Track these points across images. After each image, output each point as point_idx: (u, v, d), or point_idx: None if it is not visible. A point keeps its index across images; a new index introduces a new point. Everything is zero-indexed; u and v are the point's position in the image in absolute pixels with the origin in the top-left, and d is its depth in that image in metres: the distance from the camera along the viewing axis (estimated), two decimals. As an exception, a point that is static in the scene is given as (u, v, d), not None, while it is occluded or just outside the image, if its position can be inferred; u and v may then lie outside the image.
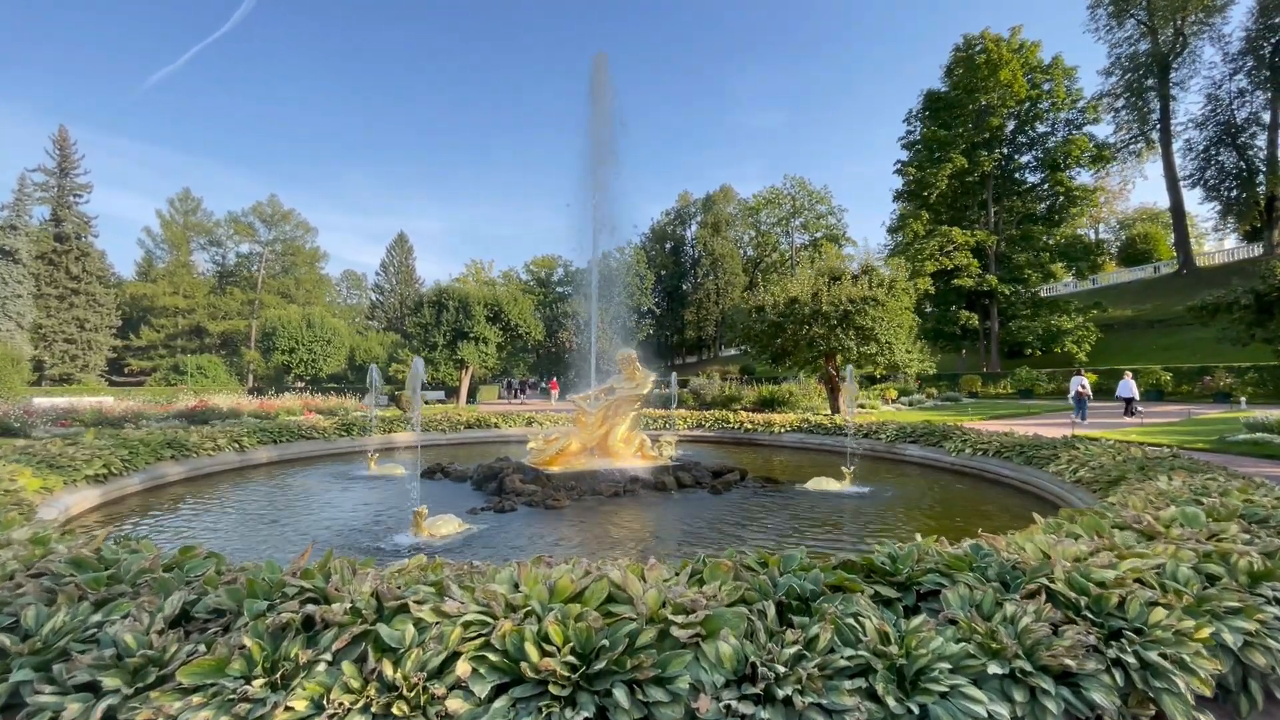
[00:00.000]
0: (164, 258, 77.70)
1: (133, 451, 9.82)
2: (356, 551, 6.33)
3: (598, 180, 13.61)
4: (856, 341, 20.32)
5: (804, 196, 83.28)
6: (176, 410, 21.79)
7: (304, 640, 2.49)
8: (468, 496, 9.71)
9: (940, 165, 44.28)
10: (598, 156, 13.78)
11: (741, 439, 17.35)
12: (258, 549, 6.41)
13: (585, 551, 6.40)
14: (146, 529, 7.27)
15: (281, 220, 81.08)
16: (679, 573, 3.19)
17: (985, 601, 2.93)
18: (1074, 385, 22.29)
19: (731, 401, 28.60)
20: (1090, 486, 7.98)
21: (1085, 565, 3.24)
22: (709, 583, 3.04)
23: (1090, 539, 3.77)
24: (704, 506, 8.83)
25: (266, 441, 13.14)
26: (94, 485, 8.61)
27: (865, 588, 3.07)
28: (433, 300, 33.62)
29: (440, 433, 17.18)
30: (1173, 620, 2.78)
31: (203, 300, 75.51)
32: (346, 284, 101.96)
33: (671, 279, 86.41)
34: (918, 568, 3.33)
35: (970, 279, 42.89)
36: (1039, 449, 10.35)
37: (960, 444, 12.27)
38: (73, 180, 61.13)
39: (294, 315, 43.23)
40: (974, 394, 38.00)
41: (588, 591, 2.76)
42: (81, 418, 19.14)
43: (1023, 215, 46.31)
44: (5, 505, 6.02)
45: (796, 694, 2.23)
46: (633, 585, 2.76)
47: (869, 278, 21.53)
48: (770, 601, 2.74)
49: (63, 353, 58.74)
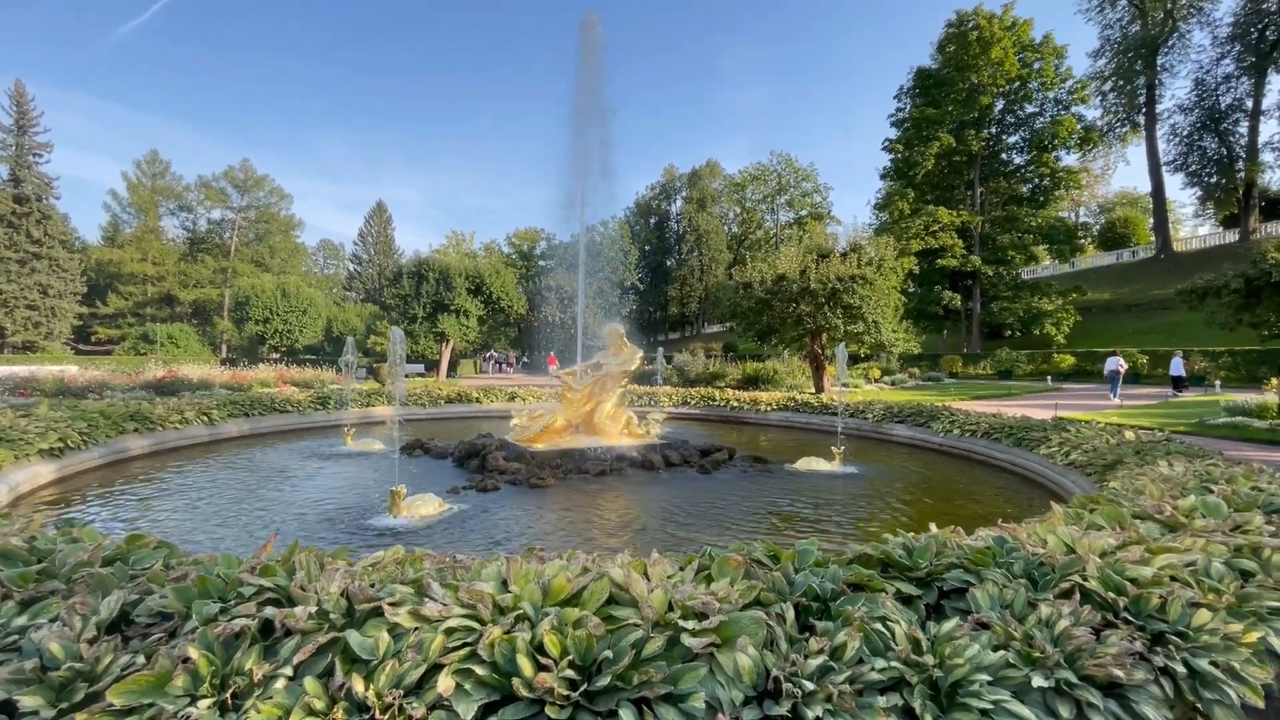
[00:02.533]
0: (131, 223, 74.85)
1: (92, 424, 9.30)
2: (332, 534, 6.00)
3: (587, 144, 13.06)
4: (844, 320, 20.16)
5: (790, 174, 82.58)
6: (144, 381, 21.03)
7: (261, 650, 2.17)
8: (449, 474, 9.37)
9: (928, 144, 43.97)
10: (587, 118, 13.21)
11: (728, 417, 17.19)
12: (221, 534, 6.04)
13: (575, 535, 6.14)
14: (99, 510, 6.84)
15: (255, 186, 78.43)
16: (684, 568, 2.91)
17: (1017, 602, 2.70)
18: (1111, 364, 22.78)
19: (716, 379, 28.45)
20: (1084, 470, 7.89)
21: (1117, 561, 3.02)
22: (718, 580, 2.77)
23: (1114, 531, 3.57)
24: (694, 487, 8.61)
25: (238, 415, 12.63)
26: (48, 460, 8.12)
27: (888, 586, 2.82)
28: (412, 271, 32.73)
29: (420, 407, 16.74)
30: (1218, 623, 2.57)
31: (173, 267, 73.13)
32: (323, 254, 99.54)
33: (656, 254, 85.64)
34: (938, 562, 3.09)
35: (955, 259, 42.98)
36: (1029, 430, 10.28)
37: (948, 425, 12.19)
38: (31, 139, 58.22)
39: (268, 284, 41.95)
40: (954, 374, 38.36)
41: (586, 592, 2.47)
42: (42, 387, 18.34)
43: (1008, 196, 46.35)
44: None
45: (828, 714, 1.97)
46: (636, 585, 2.47)
47: (857, 256, 21.30)
48: (788, 603, 2.48)
49: (25, 319, 56.59)
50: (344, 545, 5.53)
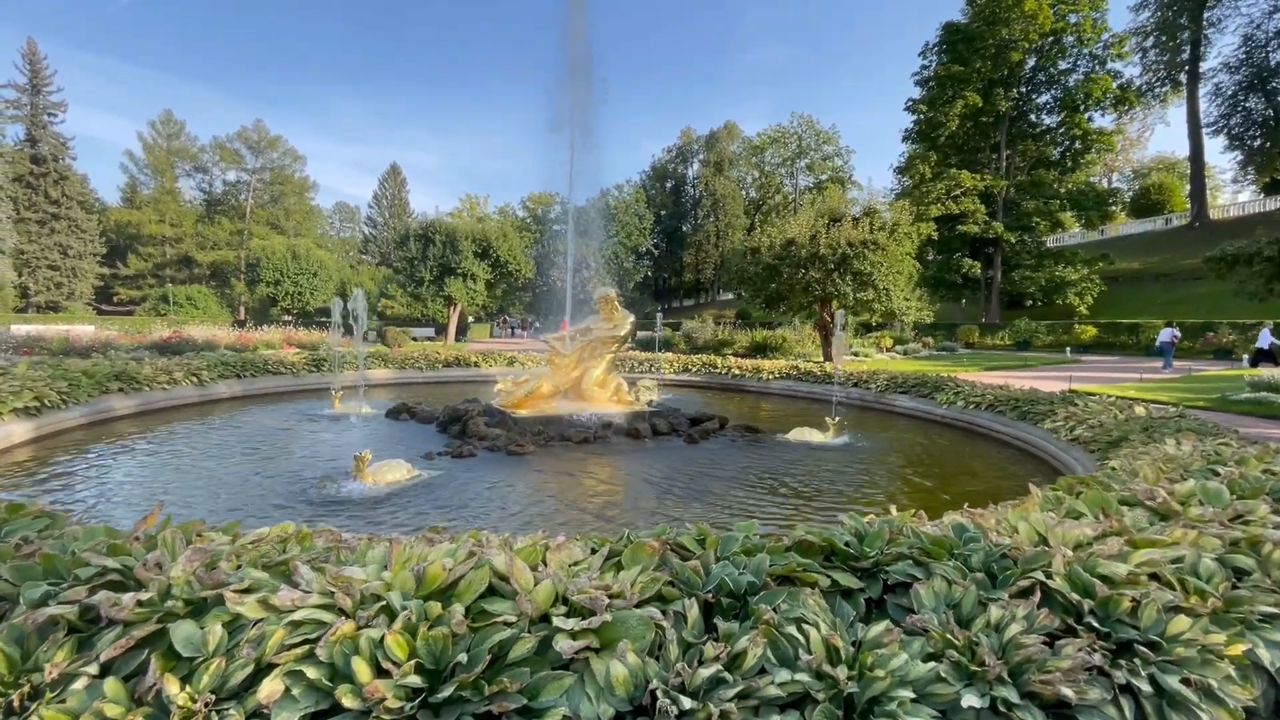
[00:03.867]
0: (148, 184, 75.00)
1: (74, 384, 9.21)
2: (289, 502, 5.82)
3: (576, 100, 12.43)
4: (853, 287, 19.53)
5: (811, 136, 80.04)
6: (150, 341, 21.17)
7: (75, 643, 1.91)
8: (430, 439, 9.18)
9: (953, 104, 41.96)
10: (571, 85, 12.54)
11: (729, 385, 16.84)
12: (177, 499, 5.88)
13: (539, 507, 5.90)
14: (60, 470, 6.73)
15: (269, 147, 77.98)
16: (596, 550, 2.62)
17: (966, 601, 2.36)
18: (1165, 335, 22.46)
19: (723, 346, 28.01)
20: (1088, 446, 7.46)
21: (1090, 555, 2.67)
22: (629, 569, 2.47)
23: (1096, 519, 3.21)
24: (677, 456, 8.33)
25: (229, 376, 12.55)
26: (24, 419, 8.04)
27: (822, 578, 2.50)
28: (419, 234, 32.35)
29: (417, 370, 16.60)
30: (1197, 632, 2.22)
31: (190, 229, 73.48)
32: (339, 216, 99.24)
33: (671, 219, 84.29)
34: (888, 551, 2.76)
35: (976, 226, 41.47)
36: (1034, 404, 9.81)
37: (952, 396, 11.74)
38: (45, 98, 58.17)
39: (279, 246, 41.90)
40: (971, 344, 37.43)
41: (463, 582, 2.17)
42: (48, 346, 18.52)
43: (1035, 160, 44.33)
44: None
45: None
46: (520, 575, 2.17)
47: (870, 220, 20.50)
48: (693, 600, 2.17)
49: (47, 280, 57.47)
50: (297, 514, 5.36)
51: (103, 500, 5.71)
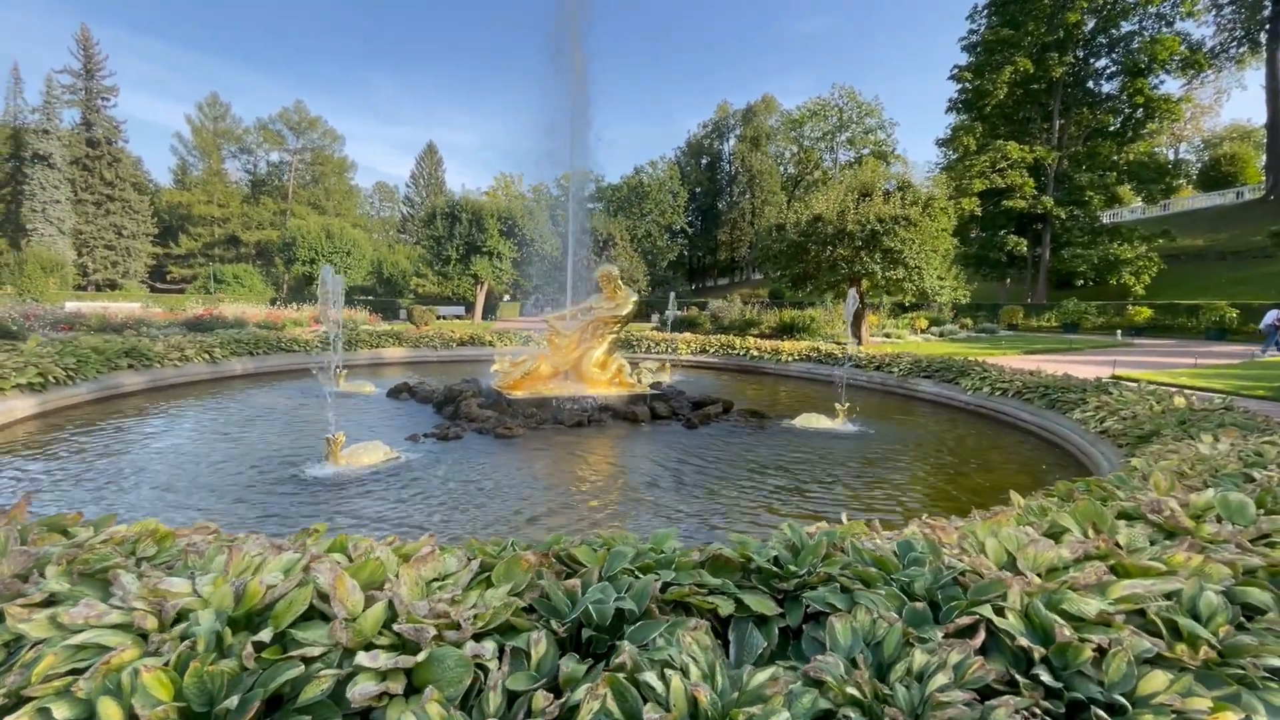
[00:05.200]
0: (197, 165, 77.45)
1: (82, 360, 9.37)
2: (258, 484, 5.70)
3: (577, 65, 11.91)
4: (882, 265, 18.63)
5: (852, 109, 77.06)
6: (184, 319, 21.76)
7: None
8: (426, 419, 9.05)
9: (1001, 70, 39.44)
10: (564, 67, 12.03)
11: (747, 366, 16.32)
12: (148, 479, 5.83)
13: (502, 493, 5.64)
14: (42, 445, 6.78)
15: (309, 128, 79.43)
16: (472, 560, 2.29)
17: (890, 641, 1.96)
18: (1270, 317, 21.60)
19: (750, 326, 27.32)
20: (1117, 440, 6.80)
21: (1061, 584, 2.22)
22: (499, 586, 2.14)
23: (1084, 536, 2.73)
24: (671, 442, 7.96)
25: (242, 353, 12.70)
26: (28, 394, 8.19)
27: (725, 602, 2.13)
28: (446, 212, 32.36)
29: (431, 349, 16.59)
30: (1174, 695, 1.77)
31: (237, 209, 75.65)
32: (379, 196, 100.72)
33: (706, 196, 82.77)
34: (819, 570, 2.36)
35: (1023, 200, 39.19)
36: (1065, 391, 9.07)
37: (978, 381, 11.03)
38: (99, 83, 60.27)
39: (313, 226, 42.65)
40: (1014, 326, 35.70)
41: (282, 602, 1.88)
42: (87, 322, 19.18)
43: (1091, 130, 41.48)
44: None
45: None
46: (345, 597, 1.86)
47: (903, 195, 19.46)
48: (543, 632, 1.82)
49: (104, 259, 60.11)
50: (251, 498, 5.21)
51: (66, 480, 5.69)
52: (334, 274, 6.68)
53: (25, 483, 5.52)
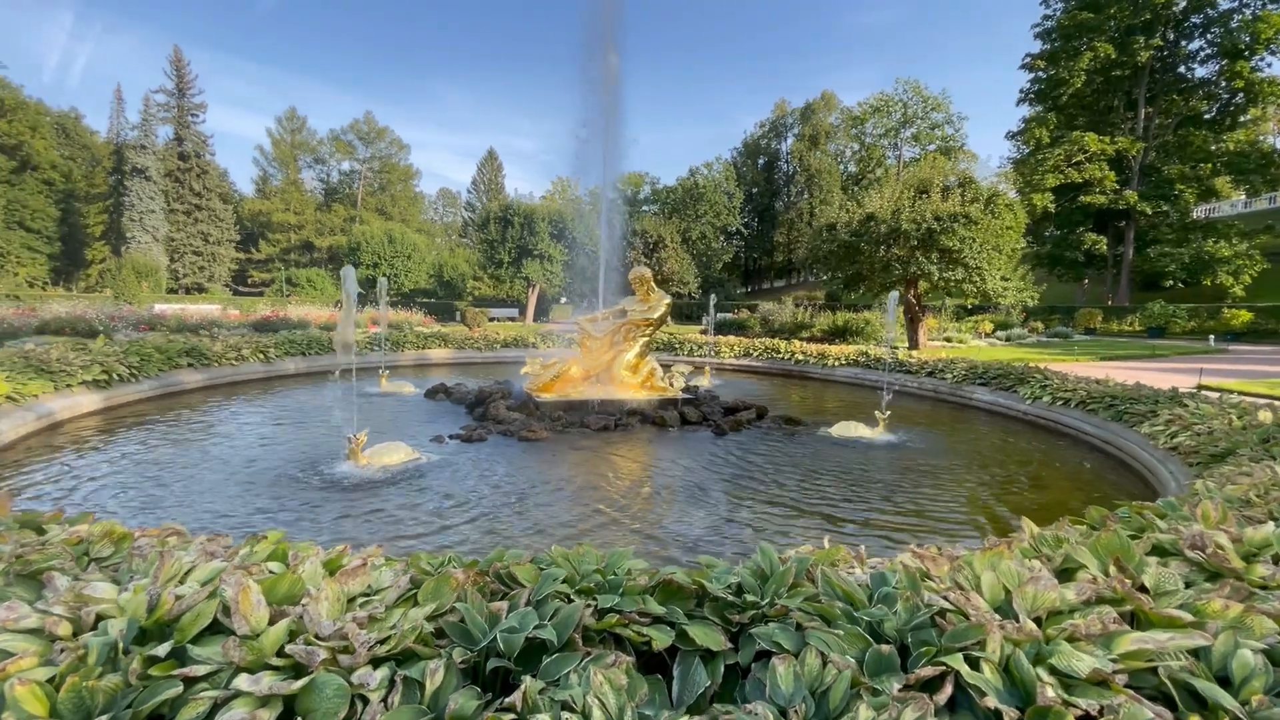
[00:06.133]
0: (276, 175, 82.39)
1: (144, 358, 9.97)
2: (278, 482, 5.86)
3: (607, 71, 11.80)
4: (939, 266, 17.70)
5: (917, 103, 74.23)
6: (252, 320, 23.00)
7: None
8: (458, 419, 9.16)
9: (1079, 56, 36.88)
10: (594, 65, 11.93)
11: (791, 371, 15.84)
12: (177, 474, 6.10)
13: (514, 499, 5.58)
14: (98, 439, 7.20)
15: (377, 137, 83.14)
16: (401, 577, 2.18)
17: (837, 690, 1.72)
18: None
19: (801, 330, 26.63)
20: (1187, 458, 6.13)
21: (1058, 633, 1.92)
22: (424, 604, 2.03)
23: (1104, 574, 2.38)
24: (697, 449, 7.74)
25: (295, 353, 13.26)
26: (94, 390, 8.76)
27: (659, 636, 1.94)
28: (498, 216, 33.08)
29: (475, 350, 16.90)
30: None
31: (311, 217, 79.95)
32: (442, 202, 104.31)
33: (763, 197, 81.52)
34: (778, 603, 2.14)
35: (1103, 196, 36.53)
36: (1134, 402, 8.30)
37: (1038, 389, 10.27)
38: (189, 100, 64.98)
39: (376, 231, 44.51)
40: (1091, 330, 33.33)
41: (189, 614, 1.82)
42: (166, 324, 20.56)
43: (1183, 117, 38.27)
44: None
45: None
46: (249, 612, 1.78)
47: (963, 192, 18.44)
48: (442, 662, 1.68)
49: (192, 264, 64.69)
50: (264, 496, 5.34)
51: (120, 470, 6.01)
52: (354, 274, 6.80)
53: (69, 473, 5.87)
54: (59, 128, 63.34)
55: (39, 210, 57.41)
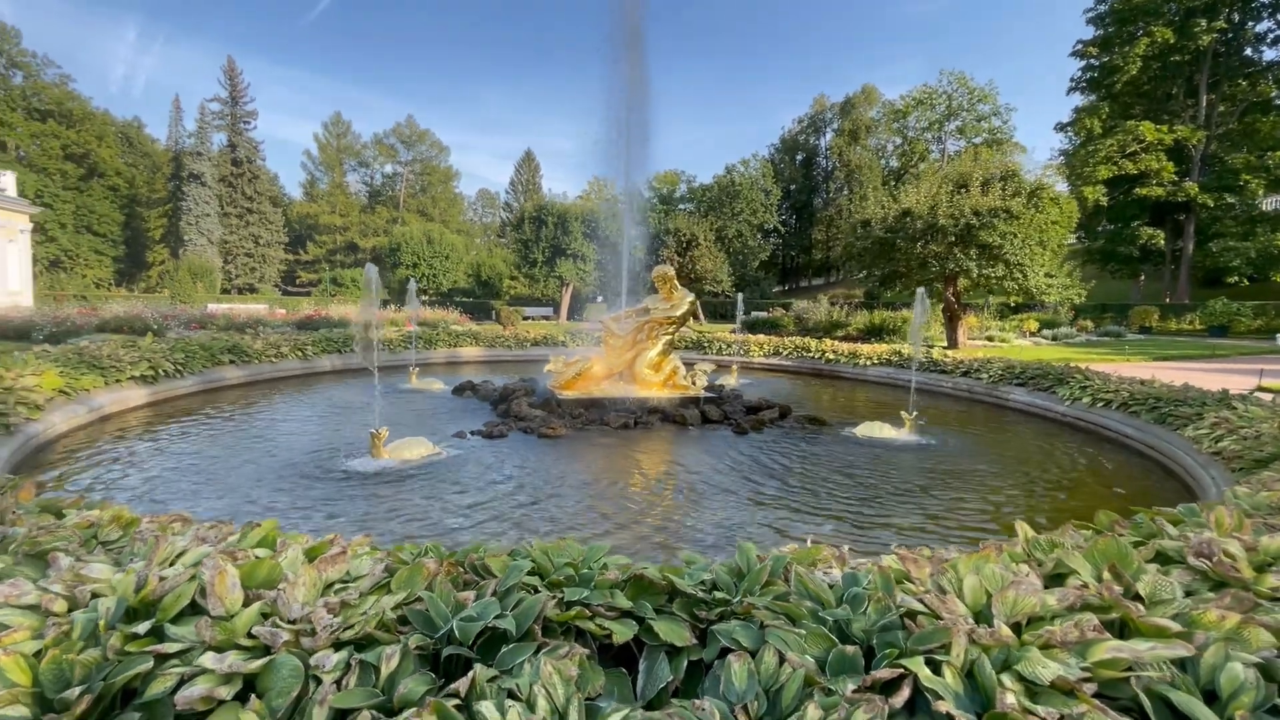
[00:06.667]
0: (323, 180, 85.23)
1: (189, 355, 10.46)
2: (304, 475, 6.08)
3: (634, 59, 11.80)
4: (978, 262, 17.15)
5: (963, 95, 71.81)
6: (296, 319, 23.83)
7: None
8: (482, 415, 9.33)
9: (1134, 42, 35.13)
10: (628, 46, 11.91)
11: (822, 370, 15.59)
12: (206, 462, 6.39)
13: (521, 498, 5.66)
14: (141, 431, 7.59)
15: (418, 140, 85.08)
16: (377, 566, 2.24)
17: (790, 689, 1.71)
18: None
19: (836, 328, 26.16)
20: (1231, 463, 5.81)
21: (1034, 638, 1.86)
22: (395, 592, 2.08)
23: (1094, 579, 2.28)
24: (715, 448, 7.69)
25: (331, 351, 13.71)
26: (142, 385, 9.23)
27: (620, 629, 1.95)
28: (532, 216, 33.51)
29: (506, 349, 17.16)
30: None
31: (355, 219, 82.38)
32: (481, 203, 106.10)
33: (801, 194, 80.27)
34: (746, 600, 2.12)
35: (1161, 187, 34.73)
36: (1179, 404, 7.89)
37: (1077, 390, 9.87)
38: (242, 108, 67.72)
39: (416, 232, 45.61)
40: (1147, 329, 31.77)
41: (170, 595, 1.91)
42: (216, 322, 21.48)
43: (1249, 103, 36.07)
44: (7, 403, 6.37)
45: None
46: (224, 594, 1.86)
47: (1004, 185, 17.80)
48: (398, 648, 1.73)
49: (244, 265, 67.44)
50: (289, 487, 5.56)
51: (153, 459, 6.33)
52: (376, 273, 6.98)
53: (115, 461, 6.21)
54: (122, 136, 66.79)
55: (105, 215, 60.75)
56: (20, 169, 48.35)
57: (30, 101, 58.89)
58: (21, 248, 29.69)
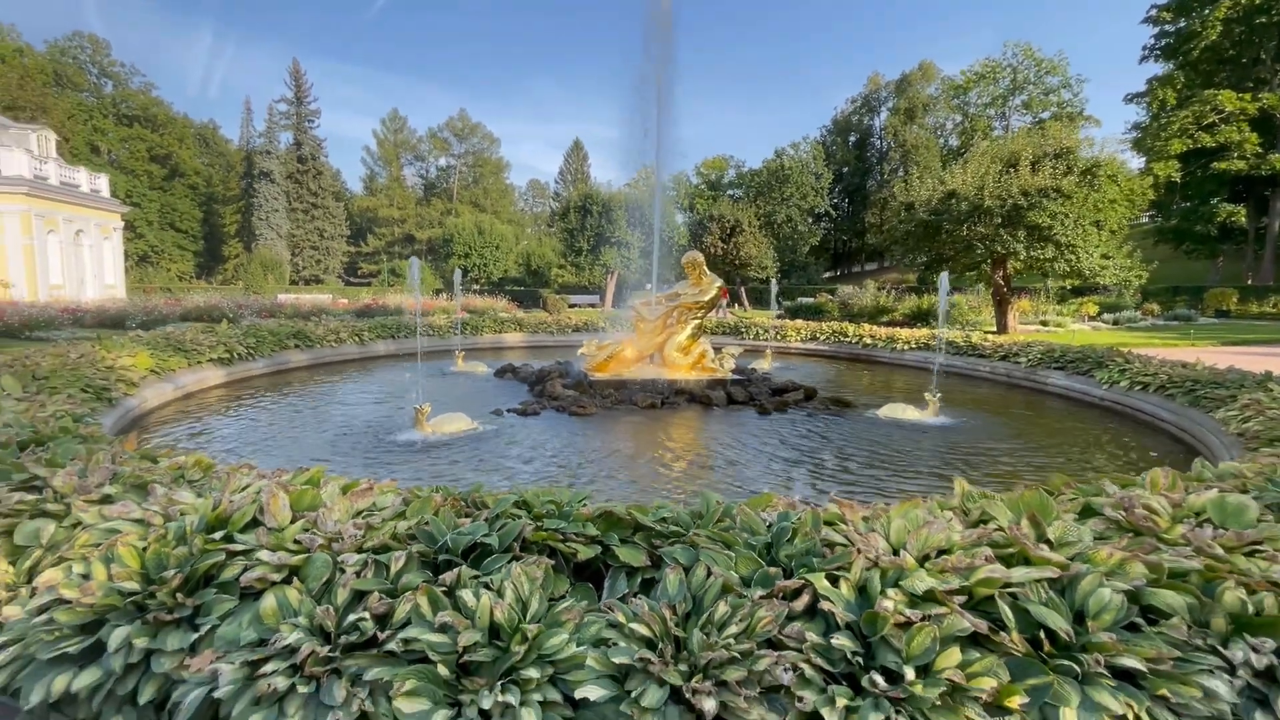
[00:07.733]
0: (382, 174, 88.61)
1: (259, 340, 11.47)
2: (354, 445, 6.77)
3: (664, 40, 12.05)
4: (1026, 244, 16.66)
5: (1029, 67, 68.08)
6: (355, 307, 25.22)
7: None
8: (519, 395, 9.92)
9: (1215, 4, 32.67)
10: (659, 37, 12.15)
11: (859, 355, 15.57)
12: (282, 431, 7.18)
13: (549, 465, 6.18)
14: (219, 405, 8.52)
15: (470, 133, 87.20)
16: (395, 499, 2.75)
17: (710, 593, 2.11)
18: None
19: (881, 314, 25.81)
20: (1250, 443, 5.76)
21: (932, 566, 2.19)
22: (410, 519, 2.58)
23: (1007, 524, 2.56)
24: (736, 427, 8.03)
25: (385, 336, 14.65)
26: (219, 367, 10.25)
27: (585, 548, 2.39)
28: (578, 205, 34.17)
29: (548, 334, 17.84)
30: (957, 671, 1.75)
31: (412, 211, 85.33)
32: (532, 192, 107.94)
33: (853, 176, 78.10)
34: (690, 533, 2.52)
35: (1243, 161, 32.34)
36: (1215, 386, 7.72)
37: (1116, 374, 9.68)
38: (306, 108, 71.02)
39: (467, 224, 47.09)
40: (1225, 312, 29.82)
41: (238, 513, 2.46)
42: (284, 311, 23.02)
43: (1349, 66, 33.10)
44: (109, 380, 7.33)
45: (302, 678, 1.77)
46: (277, 512, 2.40)
47: (1055, 163, 17.16)
48: (404, 553, 2.21)
49: (309, 258, 71.05)
50: (344, 454, 6.25)
51: (235, 425, 7.18)
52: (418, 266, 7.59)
53: (198, 429, 7.07)
54: (200, 138, 71.29)
55: (186, 213, 65.15)
56: (112, 171, 52.46)
57: (119, 108, 63.62)
58: (116, 244, 32.39)
